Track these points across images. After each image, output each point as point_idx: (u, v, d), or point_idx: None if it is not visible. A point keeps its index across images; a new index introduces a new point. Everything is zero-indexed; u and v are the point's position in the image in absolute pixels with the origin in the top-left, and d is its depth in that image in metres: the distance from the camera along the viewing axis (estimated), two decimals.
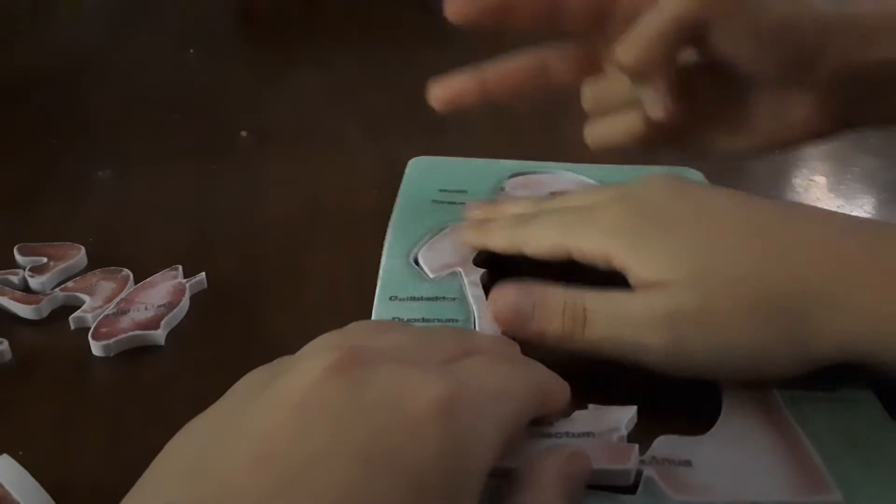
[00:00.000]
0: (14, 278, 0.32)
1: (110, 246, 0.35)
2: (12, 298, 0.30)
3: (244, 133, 0.49)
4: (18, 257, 0.33)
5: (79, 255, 0.33)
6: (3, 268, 0.32)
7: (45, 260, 0.33)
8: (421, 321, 0.29)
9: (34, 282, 0.31)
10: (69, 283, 0.32)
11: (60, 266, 0.32)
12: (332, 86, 0.60)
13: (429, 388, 0.17)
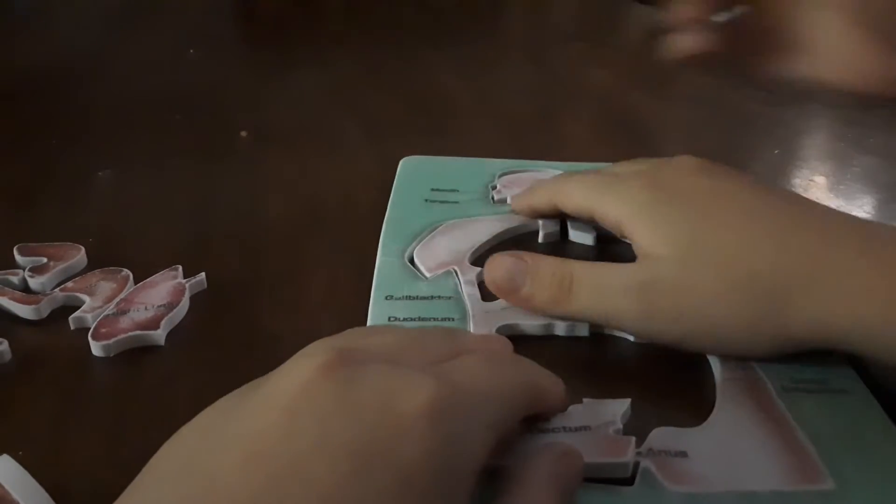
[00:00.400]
0: (14, 278, 0.32)
1: (110, 246, 0.35)
2: (12, 299, 0.30)
3: (244, 133, 0.49)
4: (18, 257, 0.33)
5: (79, 256, 0.33)
6: (2, 268, 0.32)
7: (44, 260, 0.33)
8: (416, 320, 0.29)
9: (34, 282, 0.32)
10: (69, 284, 0.32)
11: (60, 266, 0.32)
12: (332, 86, 0.60)
13: (419, 389, 0.17)
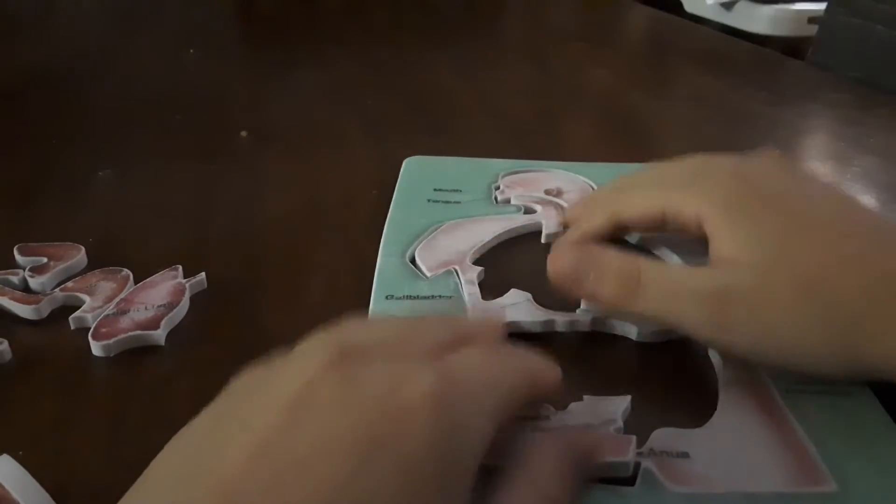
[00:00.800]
0: (14, 278, 0.32)
1: (110, 246, 0.35)
2: (12, 298, 0.30)
3: (244, 133, 0.49)
4: (18, 257, 0.33)
5: (79, 256, 0.33)
6: (2, 268, 0.32)
7: (45, 260, 0.33)
8: None
9: (34, 282, 0.32)
10: (69, 284, 0.32)
11: (60, 266, 0.32)
12: (332, 86, 0.60)
13: (420, 382, 0.18)
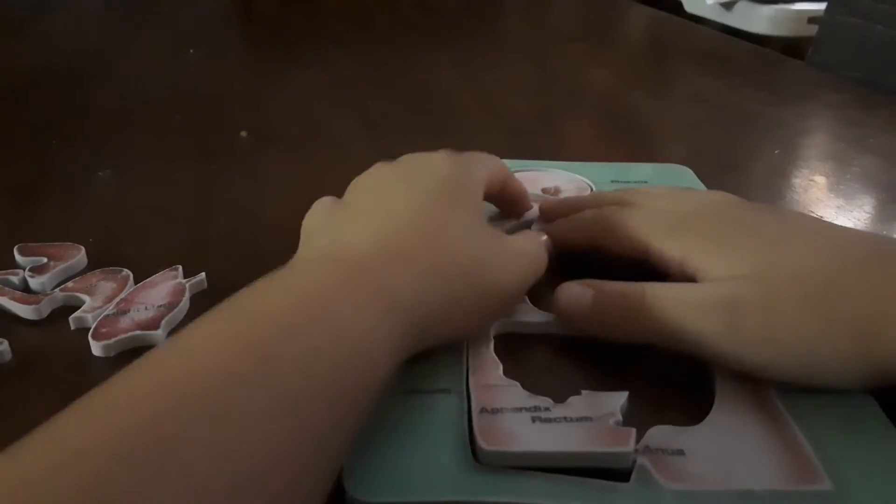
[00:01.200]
0: (14, 278, 0.32)
1: (110, 246, 0.35)
2: (12, 299, 0.30)
3: (244, 133, 0.49)
4: (18, 257, 0.33)
5: (79, 256, 0.33)
6: (3, 268, 0.32)
7: (45, 260, 0.33)
8: None
9: (34, 282, 0.32)
10: (69, 284, 0.32)
11: (60, 266, 0.32)
12: (332, 86, 0.60)
13: (438, 154, 0.30)
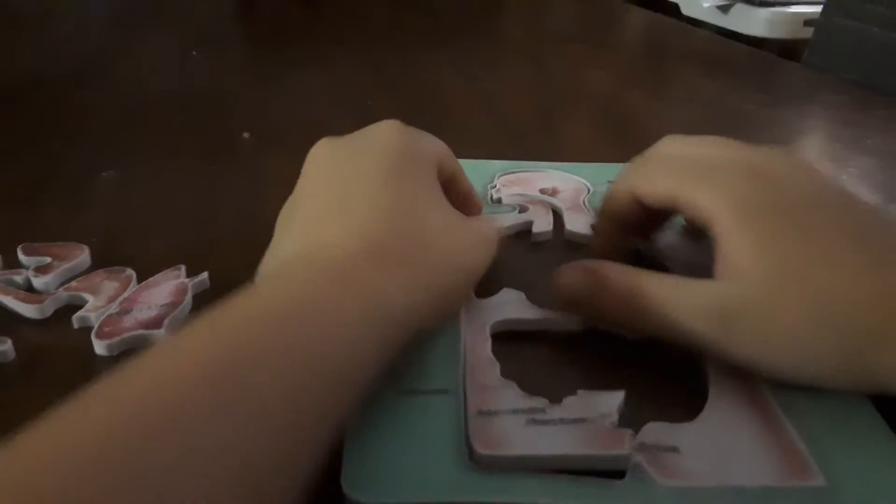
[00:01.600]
0: (18, 278, 0.32)
1: (114, 246, 0.35)
2: (16, 298, 0.31)
3: (246, 134, 0.49)
4: (22, 257, 0.34)
5: (82, 255, 0.33)
6: (7, 268, 0.33)
7: (48, 260, 0.33)
8: None
9: (38, 281, 0.32)
10: (73, 283, 0.32)
11: (64, 266, 0.33)
12: (333, 86, 0.60)
13: (384, 123, 0.29)
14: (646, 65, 0.73)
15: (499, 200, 0.38)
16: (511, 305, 0.30)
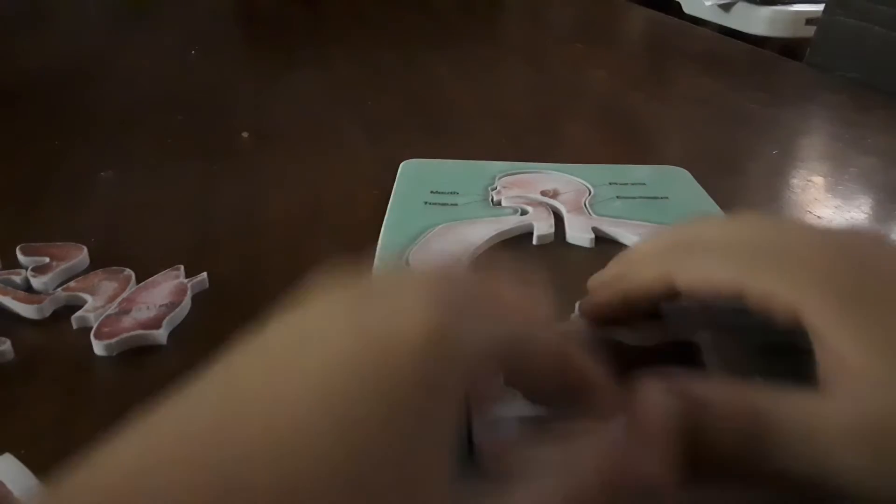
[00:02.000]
0: (17, 278, 0.32)
1: (112, 246, 0.35)
2: (15, 298, 0.30)
3: (245, 134, 0.49)
4: (21, 257, 0.33)
5: (81, 256, 0.33)
6: (5, 268, 0.33)
7: (47, 260, 0.33)
8: None
9: (37, 282, 0.32)
10: (71, 283, 0.32)
11: (63, 266, 0.32)
12: (333, 86, 0.60)
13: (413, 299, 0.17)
14: (647, 64, 0.73)
15: (499, 203, 0.38)
16: None
